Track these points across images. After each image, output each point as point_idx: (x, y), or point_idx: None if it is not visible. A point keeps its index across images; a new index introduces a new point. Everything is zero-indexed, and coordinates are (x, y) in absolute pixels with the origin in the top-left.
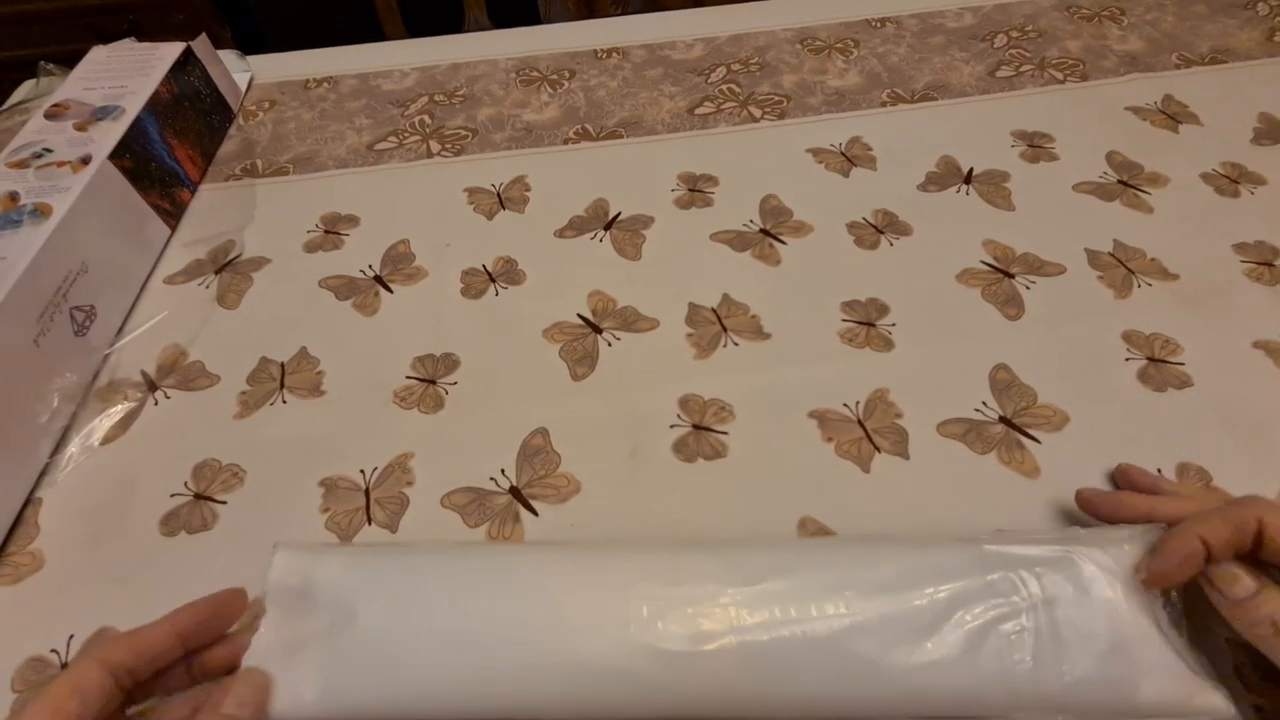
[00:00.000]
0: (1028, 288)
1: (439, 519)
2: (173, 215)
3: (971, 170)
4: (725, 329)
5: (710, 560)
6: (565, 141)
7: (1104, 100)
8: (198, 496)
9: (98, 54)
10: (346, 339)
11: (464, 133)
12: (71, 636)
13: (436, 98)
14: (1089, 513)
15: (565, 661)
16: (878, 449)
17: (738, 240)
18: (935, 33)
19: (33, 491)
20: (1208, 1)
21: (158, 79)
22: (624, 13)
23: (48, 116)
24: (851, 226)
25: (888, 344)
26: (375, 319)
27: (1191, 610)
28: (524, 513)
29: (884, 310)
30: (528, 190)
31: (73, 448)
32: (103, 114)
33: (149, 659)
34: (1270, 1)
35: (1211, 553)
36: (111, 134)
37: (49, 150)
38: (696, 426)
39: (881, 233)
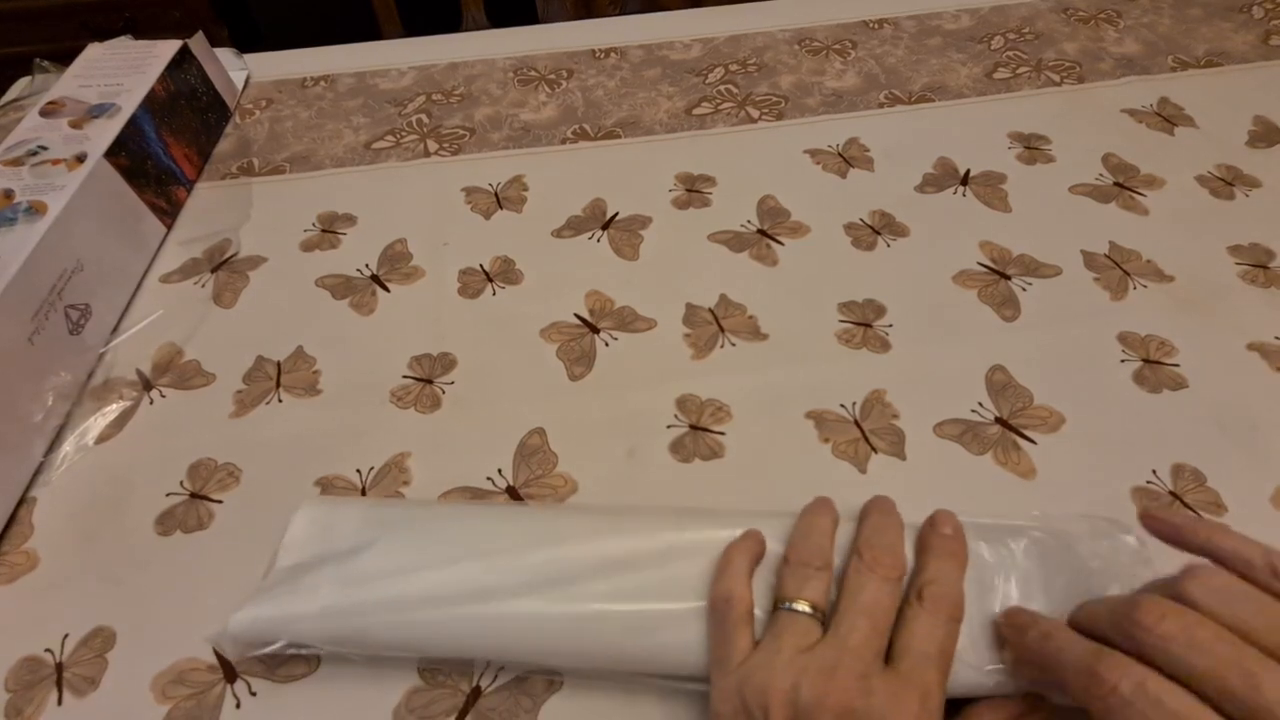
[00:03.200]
0: (1024, 289)
1: None
2: (169, 214)
3: (968, 172)
4: (723, 329)
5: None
6: (563, 141)
7: (1100, 102)
8: (193, 496)
9: (93, 51)
10: (343, 338)
11: (461, 132)
12: (66, 636)
13: (434, 97)
14: (1153, 532)
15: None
16: (874, 450)
17: (735, 241)
18: (933, 34)
19: (27, 490)
20: (1203, 5)
21: (154, 77)
22: (622, 13)
23: (43, 114)
24: (849, 227)
25: (885, 345)
26: (372, 318)
27: None
28: None
29: (881, 311)
30: (525, 190)
31: (67, 447)
32: (98, 112)
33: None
34: (1265, 5)
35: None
36: (107, 132)
37: (44, 148)
38: (694, 427)
39: (879, 234)
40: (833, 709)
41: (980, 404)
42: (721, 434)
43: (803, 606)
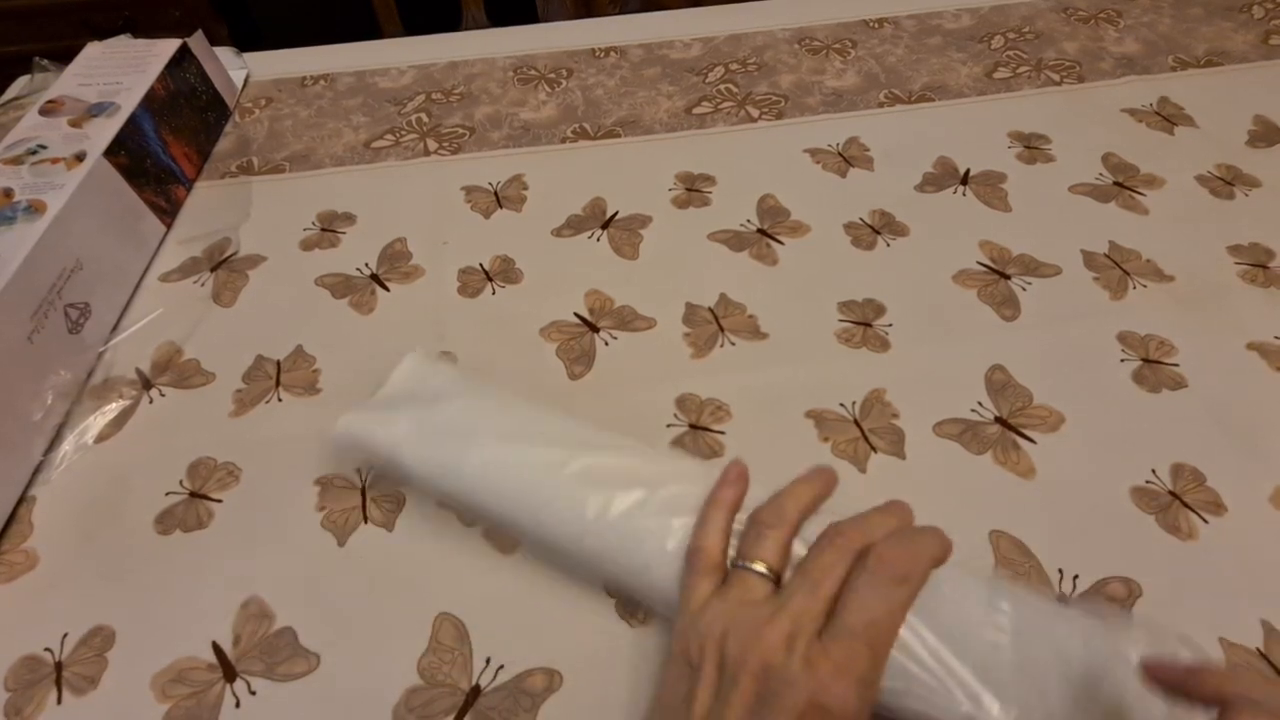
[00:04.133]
0: (1024, 289)
1: (436, 517)
2: (168, 213)
3: (968, 171)
4: (722, 328)
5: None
6: (563, 140)
7: (1100, 102)
8: (193, 495)
9: (93, 50)
10: (343, 337)
11: (461, 131)
12: (65, 635)
13: (434, 96)
14: (1156, 682)
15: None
16: (874, 449)
17: (735, 240)
18: (933, 34)
19: (26, 489)
20: (1204, 4)
21: (153, 75)
22: (622, 12)
23: (42, 113)
24: (849, 227)
25: (884, 344)
26: (372, 317)
27: None
28: None
29: (880, 311)
30: (525, 189)
31: (67, 445)
32: (98, 110)
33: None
34: (1266, 5)
35: None
36: (107, 130)
37: (44, 147)
38: (693, 426)
39: (878, 233)
40: (752, 665)
41: (980, 403)
42: (721, 433)
43: (758, 566)
